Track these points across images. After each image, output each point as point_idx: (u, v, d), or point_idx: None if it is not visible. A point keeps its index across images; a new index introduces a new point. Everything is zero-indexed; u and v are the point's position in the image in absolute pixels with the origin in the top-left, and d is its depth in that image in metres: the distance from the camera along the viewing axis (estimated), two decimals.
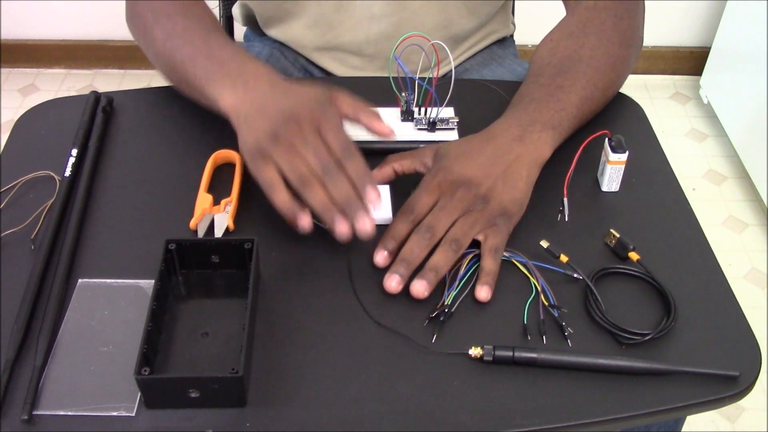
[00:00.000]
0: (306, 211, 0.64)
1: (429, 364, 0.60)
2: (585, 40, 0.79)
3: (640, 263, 0.66)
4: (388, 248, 0.65)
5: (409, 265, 0.64)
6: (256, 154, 0.65)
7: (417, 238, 0.65)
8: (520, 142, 0.70)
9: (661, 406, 0.58)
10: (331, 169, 0.64)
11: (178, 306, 0.63)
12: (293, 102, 0.68)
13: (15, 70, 2.18)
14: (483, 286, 0.64)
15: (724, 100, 1.96)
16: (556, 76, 0.77)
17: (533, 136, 0.71)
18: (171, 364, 0.58)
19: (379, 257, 0.65)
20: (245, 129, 0.68)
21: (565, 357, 0.59)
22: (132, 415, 0.56)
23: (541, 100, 0.75)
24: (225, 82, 0.72)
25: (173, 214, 0.71)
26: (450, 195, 0.67)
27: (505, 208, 0.67)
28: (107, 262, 0.67)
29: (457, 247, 0.65)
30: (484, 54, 1.06)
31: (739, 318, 0.63)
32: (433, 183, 0.68)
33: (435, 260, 0.64)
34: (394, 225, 0.67)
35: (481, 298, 0.63)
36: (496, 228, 0.66)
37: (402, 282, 0.63)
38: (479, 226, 0.66)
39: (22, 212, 0.70)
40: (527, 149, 0.70)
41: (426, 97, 0.80)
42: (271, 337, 0.61)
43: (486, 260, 0.65)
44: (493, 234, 0.66)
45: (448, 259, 0.64)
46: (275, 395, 0.57)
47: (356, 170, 0.64)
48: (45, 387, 0.57)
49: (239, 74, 0.72)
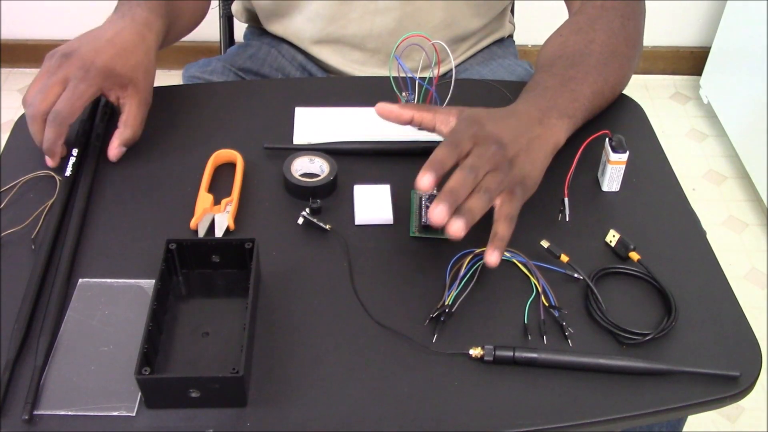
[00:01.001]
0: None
1: (429, 364, 0.60)
2: (594, 36, 0.80)
3: (641, 263, 0.66)
4: (437, 174, 0.61)
5: (455, 200, 0.60)
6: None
7: (463, 175, 0.61)
8: (540, 124, 0.70)
9: (661, 406, 0.58)
10: (31, 110, 0.72)
11: (179, 306, 0.63)
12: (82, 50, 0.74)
13: (15, 70, 2.18)
14: (494, 251, 0.61)
15: (724, 100, 1.96)
16: (568, 68, 0.77)
17: (551, 121, 0.71)
18: (171, 364, 0.58)
19: (426, 181, 0.60)
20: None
21: (566, 357, 0.59)
22: (132, 415, 0.56)
23: (556, 88, 0.75)
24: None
25: (174, 214, 0.71)
26: (485, 147, 0.64)
27: (524, 179, 0.66)
28: (108, 262, 0.67)
29: (488, 198, 0.62)
30: (484, 54, 1.06)
31: (740, 318, 0.63)
32: (469, 132, 0.65)
33: (471, 204, 0.61)
34: (441, 153, 0.62)
35: (491, 262, 0.61)
36: (514, 195, 0.64)
37: (448, 214, 0.59)
38: (503, 187, 0.64)
39: (23, 212, 0.70)
40: (546, 132, 0.70)
41: (426, 97, 0.80)
42: (272, 336, 0.61)
43: (500, 225, 0.62)
44: (510, 201, 0.64)
45: (482, 206, 0.61)
46: (276, 395, 0.57)
47: (49, 135, 0.72)
48: (45, 387, 0.57)
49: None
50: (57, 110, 0.71)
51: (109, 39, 0.75)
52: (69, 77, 0.72)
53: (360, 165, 0.76)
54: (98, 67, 0.73)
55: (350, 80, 0.96)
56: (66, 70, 0.72)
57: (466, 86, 0.86)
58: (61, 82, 0.72)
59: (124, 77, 0.75)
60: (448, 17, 0.95)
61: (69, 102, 0.71)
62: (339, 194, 0.74)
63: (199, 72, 1.00)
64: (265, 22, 1.03)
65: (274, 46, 1.03)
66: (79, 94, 0.72)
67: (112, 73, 0.74)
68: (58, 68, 0.72)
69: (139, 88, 0.76)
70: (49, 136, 0.72)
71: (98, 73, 0.73)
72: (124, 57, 0.75)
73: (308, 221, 0.69)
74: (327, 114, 0.83)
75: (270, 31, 1.03)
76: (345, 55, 0.99)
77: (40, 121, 0.72)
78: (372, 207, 0.72)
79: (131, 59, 0.75)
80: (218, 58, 1.03)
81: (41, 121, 0.72)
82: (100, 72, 0.73)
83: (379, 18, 0.94)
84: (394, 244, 0.69)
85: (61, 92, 0.72)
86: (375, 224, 0.71)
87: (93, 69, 0.72)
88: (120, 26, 0.77)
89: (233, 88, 0.90)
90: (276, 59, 1.02)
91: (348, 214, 0.71)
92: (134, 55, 0.76)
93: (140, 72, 0.76)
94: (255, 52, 1.02)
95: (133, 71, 0.75)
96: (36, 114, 0.71)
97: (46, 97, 0.71)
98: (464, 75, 1.02)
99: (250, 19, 1.09)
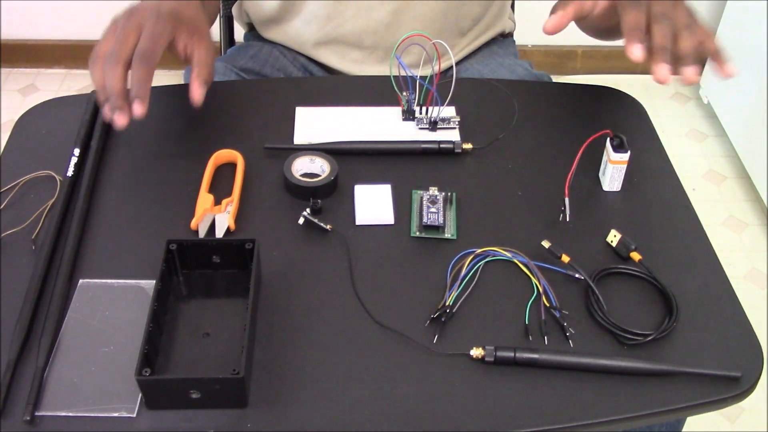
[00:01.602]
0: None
1: (430, 365, 0.60)
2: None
3: (642, 263, 0.66)
4: (642, 41, 0.67)
5: (668, 52, 0.66)
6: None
7: (662, 26, 0.67)
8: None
9: (663, 406, 0.57)
10: (113, 58, 0.69)
11: (179, 306, 0.63)
12: (145, 2, 0.74)
13: (15, 70, 2.18)
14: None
15: (724, 100, 1.96)
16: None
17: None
18: (172, 365, 0.58)
19: (637, 51, 0.66)
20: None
21: (567, 358, 0.59)
22: (133, 416, 0.56)
23: None
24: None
25: (174, 214, 0.71)
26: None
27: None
28: (108, 263, 0.67)
29: (693, 32, 0.68)
30: (484, 53, 1.06)
31: (741, 319, 0.63)
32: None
33: (685, 46, 0.67)
34: (633, 18, 0.67)
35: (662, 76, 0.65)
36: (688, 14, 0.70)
37: (671, 71, 0.66)
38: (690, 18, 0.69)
39: (23, 212, 0.70)
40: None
41: (427, 97, 0.80)
42: (273, 337, 0.61)
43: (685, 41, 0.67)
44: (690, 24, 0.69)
45: (694, 40, 0.67)
46: (276, 396, 0.57)
47: (138, 75, 0.68)
48: (46, 388, 0.57)
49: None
50: (143, 48, 0.69)
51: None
52: (142, 23, 0.71)
53: (361, 165, 0.76)
54: (167, 11, 0.73)
55: (351, 80, 0.96)
56: (137, 17, 0.72)
57: (467, 85, 0.86)
58: (136, 28, 0.71)
59: (191, 23, 0.75)
60: (444, 7, 0.95)
61: (152, 39, 0.70)
62: (340, 194, 0.73)
63: None
64: (263, 29, 1.04)
65: (276, 47, 1.03)
66: (159, 32, 0.71)
67: (181, 18, 0.74)
68: (128, 19, 0.72)
69: (204, 34, 0.76)
70: (139, 77, 0.69)
71: (169, 16, 0.72)
72: (186, 6, 0.76)
73: (309, 221, 0.69)
74: (328, 114, 0.83)
75: (268, 38, 1.03)
76: (343, 54, 0.99)
77: (124, 67, 0.69)
78: (373, 207, 0.72)
79: (192, 9, 0.76)
80: (219, 59, 1.03)
81: (125, 66, 0.70)
82: (170, 15, 0.73)
83: (374, 13, 0.94)
84: (395, 244, 0.69)
85: (138, 37, 0.70)
86: (376, 224, 0.71)
87: (163, 13, 0.72)
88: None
89: (234, 88, 0.90)
90: (278, 59, 1.02)
91: (349, 214, 0.71)
92: (193, 7, 0.77)
93: (202, 21, 0.77)
94: (257, 52, 1.02)
95: (197, 19, 0.76)
96: (120, 58, 0.69)
97: (126, 41, 0.70)
98: (464, 74, 1.02)
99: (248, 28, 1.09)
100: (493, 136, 0.80)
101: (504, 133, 0.80)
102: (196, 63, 0.74)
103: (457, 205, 0.72)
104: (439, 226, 0.69)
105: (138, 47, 0.69)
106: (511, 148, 0.79)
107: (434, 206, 0.70)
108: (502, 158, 0.78)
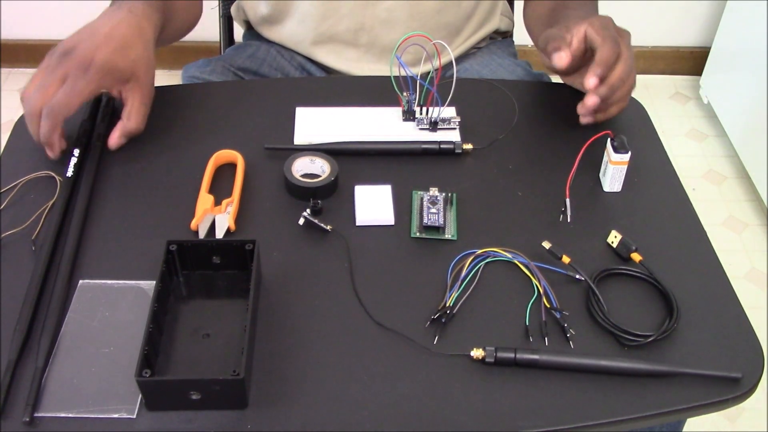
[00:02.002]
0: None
1: (430, 366, 0.59)
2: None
3: (643, 264, 0.66)
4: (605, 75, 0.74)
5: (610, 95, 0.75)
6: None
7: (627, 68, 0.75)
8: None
9: (663, 408, 0.57)
10: (29, 105, 0.72)
11: (179, 307, 0.63)
12: (81, 46, 0.73)
13: (15, 70, 2.18)
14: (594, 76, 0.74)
15: (724, 100, 1.95)
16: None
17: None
18: (172, 366, 0.58)
19: (593, 83, 0.73)
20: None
21: (567, 359, 0.59)
22: (133, 417, 0.56)
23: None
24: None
25: (174, 215, 0.71)
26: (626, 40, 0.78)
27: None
28: (108, 263, 0.67)
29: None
30: (483, 54, 1.06)
31: (742, 320, 0.63)
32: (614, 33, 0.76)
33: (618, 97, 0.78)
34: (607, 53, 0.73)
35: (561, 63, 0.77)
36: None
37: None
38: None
39: (23, 213, 0.70)
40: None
41: (427, 97, 0.79)
42: (273, 338, 0.61)
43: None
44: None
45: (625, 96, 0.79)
46: (276, 397, 0.57)
47: (46, 127, 0.71)
48: (46, 388, 0.57)
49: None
50: (51, 105, 0.70)
51: (107, 33, 0.74)
52: (68, 74, 0.71)
53: (361, 165, 0.76)
54: (98, 64, 0.72)
55: (351, 80, 0.96)
56: (65, 68, 0.72)
57: (467, 85, 0.86)
58: (60, 79, 0.71)
59: (125, 72, 0.74)
60: (438, 5, 0.95)
61: (66, 98, 0.71)
62: (340, 195, 0.73)
63: (199, 72, 1.00)
64: (260, 28, 1.04)
65: (273, 46, 1.03)
66: (77, 91, 0.71)
67: (113, 69, 0.73)
68: (57, 66, 0.72)
69: (141, 81, 0.76)
70: (44, 130, 0.71)
71: (98, 70, 0.72)
72: (123, 51, 0.74)
73: (309, 222, 0.69)
74: (328, 114, 0.83)
75: (266, 37, 1.03)
76: (340, 53, 0.99)
77: (37, 118, 0.71)
78: (373, 207, 0.72)
79: (131, 53, 0.75)
80: (217, 58, 1.03)
81: (38, 117, 0.71)
82: (100, 69, 0.72)
83: (369, 10, 0.94)
84: (395, 244, 0.69)
85: (58, 89, 0.71)
86: (376, 225, 0.70)
87: (93, 67, 0.72)
88: (117, 18, 0.76)
89: (233, 88, 0.90)
90: (275, 59, 1.02)
91: (349, 215, 0.71)
92: (134, 49, 0.75)
93: (141, 65, 0.76)
94: (254, 52, 1.02)
95: (133, 65, 0.75)
96: (33, 110, 0.71)
97: (44, 94, 0.71)
98: (464, 75, 1.01)
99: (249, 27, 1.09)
100: (493, 136, 0.80)
101: (504, 134, 0.80)
102: (125, 114, 0.76)
103: (457, 206, 0.72)
104: (439, 226, 0.69)
105: (53, 101, 0.71)
106: (512, 149, 0.79)
107: (434, 207, 0.70)
108: (502, 159, 0.78)
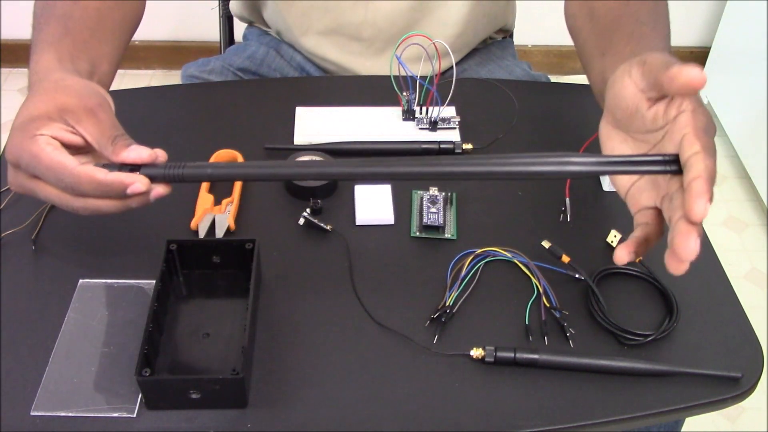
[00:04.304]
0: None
1: (430, 365, 0.59)
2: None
3: (642, 264, 0.66)
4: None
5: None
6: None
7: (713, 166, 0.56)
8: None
9: (663, 407, 0.57)
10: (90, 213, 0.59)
11: (179, 306, 0.63)
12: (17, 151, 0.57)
13: (15, 70, 2.18)
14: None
15: (724, 100, 1.95)
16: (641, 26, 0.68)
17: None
18: (172, 365, 0.58)
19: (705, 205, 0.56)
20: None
21: (567, 358, 0.59)
22: (133, 416, 0.56)
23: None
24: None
25: (174, 214, 0.71)
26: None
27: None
28: (108, 262, 0.67)
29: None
30: (482, 54, 1.05)
31: (742, 319, 0.63)
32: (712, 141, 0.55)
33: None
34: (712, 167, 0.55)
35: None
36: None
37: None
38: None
39: (23, 212, 0.70)
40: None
41: (427, 97, 0.80)
42: (272, 337, 0.61)
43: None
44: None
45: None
46: (276, 396, 0.57)
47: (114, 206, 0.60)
48: (45, 387, 0.57)
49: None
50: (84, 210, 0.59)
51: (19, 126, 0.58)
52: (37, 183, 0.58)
53: None
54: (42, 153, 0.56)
55: (351, 80, 0.96)
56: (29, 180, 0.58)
57: (467, 85, 0.86)
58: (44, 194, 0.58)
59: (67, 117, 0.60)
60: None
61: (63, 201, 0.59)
62: (340, 194, 0.73)
63: (198, 72, 1.00)
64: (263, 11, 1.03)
65: (273, 47, 1.03)
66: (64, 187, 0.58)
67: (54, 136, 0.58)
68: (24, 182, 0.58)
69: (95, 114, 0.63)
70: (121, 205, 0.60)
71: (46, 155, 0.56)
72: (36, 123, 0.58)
73: (309, 222, 0.69)
74: (328, 114, 0.83)
75: (268, 21, 1.03)
76: (342, 47, 0.99)
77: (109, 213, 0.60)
78: (373, 207, 0.72)
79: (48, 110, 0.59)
80: (217, 58, 1.03)
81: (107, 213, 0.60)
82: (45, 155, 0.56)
83: (372, 4, 0.94)
84: (395, 244, 0.69)
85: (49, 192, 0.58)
86: (376, 224, 0.71)
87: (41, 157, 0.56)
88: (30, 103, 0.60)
89: (233, 88, 0.90)
90: (274, 60, 1.02)
91: (349, 215, 0.71)
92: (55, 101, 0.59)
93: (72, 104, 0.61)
94: (253, 52, 1.02)
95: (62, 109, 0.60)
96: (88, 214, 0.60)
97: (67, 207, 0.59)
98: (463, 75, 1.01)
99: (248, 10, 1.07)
100: (493, 136, 0.80)
101: (504, 133, 0.80)
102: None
103: (457, 205, 0.72)
104: (439, 226, 0.69)
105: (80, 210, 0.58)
106: (512, 148, 0.79)
107: (434, 206, 0.70)
108: None
